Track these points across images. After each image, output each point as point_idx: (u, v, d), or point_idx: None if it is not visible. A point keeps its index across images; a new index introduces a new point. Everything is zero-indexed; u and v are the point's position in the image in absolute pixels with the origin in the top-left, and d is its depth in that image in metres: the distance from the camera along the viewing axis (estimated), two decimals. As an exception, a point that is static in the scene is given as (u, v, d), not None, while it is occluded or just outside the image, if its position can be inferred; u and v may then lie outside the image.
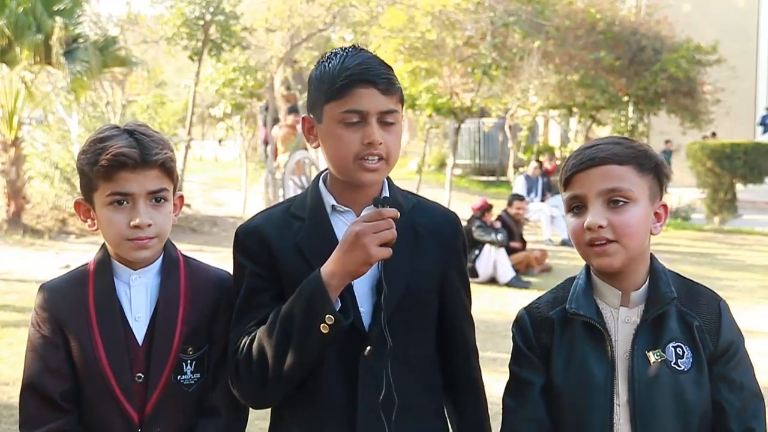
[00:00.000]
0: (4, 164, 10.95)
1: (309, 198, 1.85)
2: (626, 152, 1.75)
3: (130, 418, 1.81)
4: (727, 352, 1.75)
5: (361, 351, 1.74)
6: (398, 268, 1.77)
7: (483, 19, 13.80)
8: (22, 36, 10.50)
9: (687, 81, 15.63)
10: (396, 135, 1.77)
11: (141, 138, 1.81)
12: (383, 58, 1.82)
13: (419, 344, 1.83)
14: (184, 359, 1.85)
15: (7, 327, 6.34)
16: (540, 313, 1.85)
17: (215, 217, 12.88)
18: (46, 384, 1.81)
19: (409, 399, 1.78)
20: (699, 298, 1.79)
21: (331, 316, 1.65)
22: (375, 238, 1.63)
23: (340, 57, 1.76)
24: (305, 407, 1.80)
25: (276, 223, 1.84)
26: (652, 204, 1.76)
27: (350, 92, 1.72)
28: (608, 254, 1.71)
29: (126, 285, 1.86)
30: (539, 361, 1.81)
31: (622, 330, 1.76)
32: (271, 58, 13.17)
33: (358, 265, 1.65)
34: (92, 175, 1.80)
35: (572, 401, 1.76)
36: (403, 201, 1.85)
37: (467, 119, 16.52)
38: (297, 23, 12.88)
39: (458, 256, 1.91)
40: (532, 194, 13.21)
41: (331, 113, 1.75)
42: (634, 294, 1.77)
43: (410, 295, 1.78)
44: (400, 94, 1.78)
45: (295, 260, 1.77)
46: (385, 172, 1.78)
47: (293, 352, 1.68)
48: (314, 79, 1.80)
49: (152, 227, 1.81)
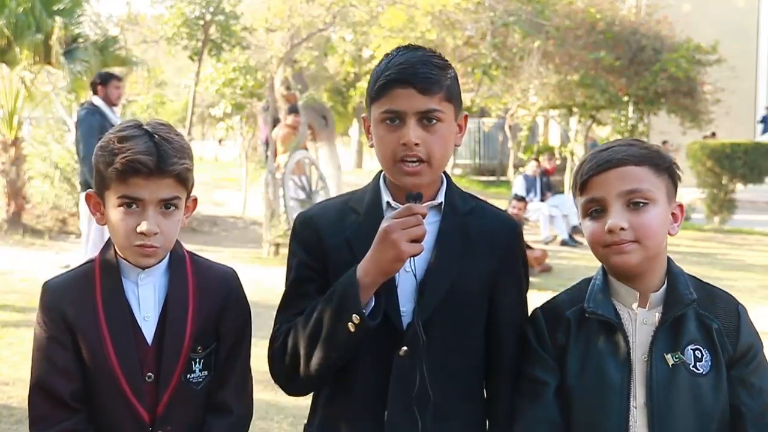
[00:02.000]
0: (4, 164, 10.94)
1: (368, 193, 1.84)
2: (642, 153, 1.74)
3: (141, 418, 1.80)
4: (746, 355, 1.74)
5: (396, 350, 1.73)
6: (443, 269, 1.75)
7: (483, 19, 13.79)
8: (22, 36, 10.49)
9: (687, 81, 15.61)
10: (440, 136, 1.73)
11: (161, 143, 1.76)
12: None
13: (461, 349, 1.80)
14: (193, 358, 1.84)
15: (7, 327, 6.33)
16: (555, 313, 1.83)
17: (215, 217, 12.88)
18: (55, 384, 1.79)
19: (443, 402, 1.76)
20: (717, 301, 1.78)
21: (357, 316, 1.64)
22: (404, 234, 1.62)
23: (390, 57, 1.76)
24: (338, 403, 1.81)
25: (331, 215, 1.84)
26: (669, 204, 1.76)
27: (388, 93, 1.71)
28: (627, 252, 1.70)
29: (134, 284, 1.84)
30: (553, 361, 1.79)
31: (640, 331, 1.74)
32: (271, 58, 13.15)
33: (389, 262, 1.64)
34: (106, 174, 1.78)
35: (587, 403, 1.74)
36: (460, 203, 1.84)
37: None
38: (297, 23, 12.85)
39: (514, 263, 1.86)
40: (532, 194, 13.20)
41: (375, 113, 1.75)
42: (653, 296, 1.76)
43: (454, 298, 1.76)
44: (446, 93, 1.74)
45: (343, 253, 1.77)
46: (429, 174, 1.74)
47: (321, 347, 1.69)
48: (369, 79, 1.80)
49: (158, 236, 1.78)
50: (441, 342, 1.75)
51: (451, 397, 1.78)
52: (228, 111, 13.89)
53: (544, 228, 12.69)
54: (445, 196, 1.83)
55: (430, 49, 1.80)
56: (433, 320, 1.74)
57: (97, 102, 7.14)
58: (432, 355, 1.73)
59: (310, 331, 1.71)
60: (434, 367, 1.74)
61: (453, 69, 1.80)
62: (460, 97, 1.81)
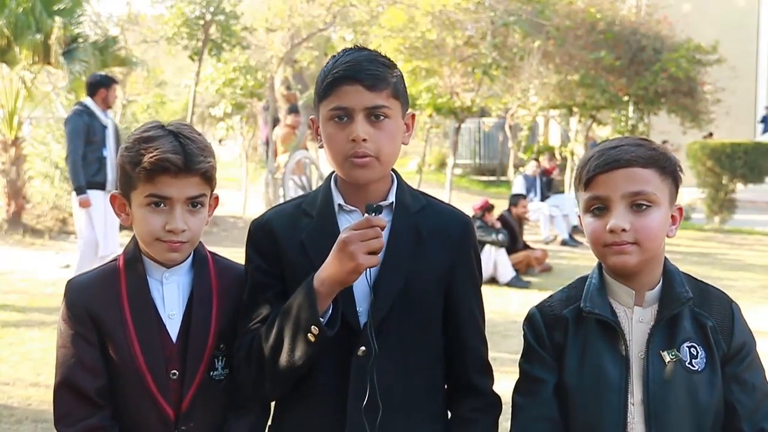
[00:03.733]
0: (4, 164, 10.95)
1: (320, 195, 1.86)
2: (649, 155, 1.74)
3: (166, 414, 1.82)
4: (739, 353, 1.76)
5: (354, 351, 1.75)
6: (396, 269, 1.77)
7: (483, 19, 13.79)
8: (22, 36, 10.50)
9: (687, 81, 15.61)
10: (387, 131, 1.75)
11: (186, 143, 1.79)
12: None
13: (418, 345, 1.81)
14: (216, 355, 1.87)
15: (7, 327, 6.33)
16: (553, 312, 1.84)
17: (215, 217, 12.84)
18: (81, 380, 1.81)
19: (401, 400, 1.78)
20: (711, 299, 1.80)
21: (316, 327, 1.66)
22: (362, 246, 1.63)
23: (336, 57, 1.78)
24: (300, 405, 1.82)
25: (286, 218, 1.85)
26: (670, 207, 1.77)
27: (335, 90, 1.73)
28: (626, 253, 1.71)
29: (158, 282, 1.87)
30: (551, 359, 1.81)
31: (636, 329, 1.76)
32: (271, 57, 13.16)
33: (346, 273, 1.65)
34: (133, 174, 1.79)
35: (585, 400, 1.76)
36: (411, 202, 1.85)
37: (467, 119, 16.52)
38: (297, 23, 12.87)
39: (467, 259, 1.87)
40: (531, 194, 13.20)
41: (323, 112, 1.77)
42: (648, 294, 1.77)
43: (408, 296, 1.77)
44: (393, 89, 1.76)
45: (298, 256, 1.78)
46: (379, 169, 1.76)
47: (285, 356, 1.71)
48: (316, 80, 1.82)
49: (186, 232, 1.81)
50: (398, 340, 1.77)
51: (412, 393, 1.80)
52: (228, 111, 13.90)
53: (544, 228, 12.69)
54: (396, 195, 1.84)
55: (374, 50, 1.82)
56: (389, 319, 1.76)
57: (89, 103, 7.12)
58: (390, 353, 1.75)
59: (272, 343, 1.73)
60: (393, 365, 1.76)
61: (399, 69, 1.83)
62: (406, 95, 1.83)
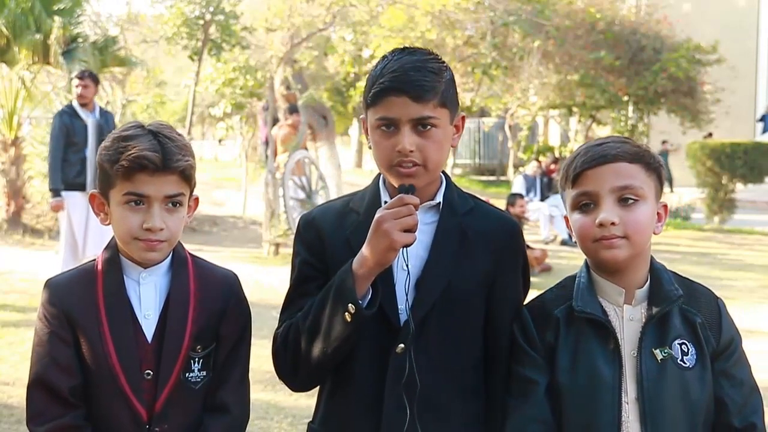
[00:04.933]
0: (4, 164, 10.95)
1: (368, 193, 1.88)
2: (635, 151, 1.77)
3: (139, 415, 1.82)
4: (728, 348, 1.78)
5: (393, 348, 1.76)
6: (440, 268, 1.78)
7: (483, 19, 13.80)
8: (21, 36, 10.50)
9: (687, 81, 15.63)
10: (435, 141, 1.75)
11: (165, 142, 1.80)
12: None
13: (458, 346, 1.82)
14: (193, 357, 1.86)
15: (7, 327, 6.33)
16: (543, 312, 1.84)
17: (215, 217, 12.88)
18: (54, 379, 1.81)
19: (437, 400, 1.78)
20: (698, 296, 1.81)
21: (353, 306, 1.67)
22: (396, 224, 1.65)
23: (385, 61, 1.78)
24: (338, 399, 1.84)
25: (333, 216, 1.88)
26: (656, 203, 1.79)
27: (382, 100, 1.74)
28: (616, 247, 1.72)
29: (135, 282, 1.87)
30: (542, 360, 1.81)
31: (627, 328, 1.76)
32: (271, 57, 13.16)
33: (382, 251, 1.67)
34: (111, 173, 1.80)
35: (579, 401, 1.76)
36: (458, 203, 1.86)
37: (467, 119, 16.49)
38: (297, 23, 12.86)
39: (513, 262, 1.88)
40: (531, 194, 13.21)
41: (371, 119, 1.79)
42: (638, 292, 1.78)
43: (450, 296, 1.78)
44: (440, 99, 1.75)
45: (343, 252, 1.79)
46: (425, 176, 1.77)
47: (320, 340, 1.73)
48: (365, 82, 1.83)
49: (164, 231, 1.81)
50: (438, 340, 1.78)
51: (450, 394, 1.80)
52: (228, 111, 13.91)
53: (544, 228, 12.69)
54: (443, 196, 1.85)
55: (427, 51, 1.81)
56: (429, 318, 1.77)
57: (74, 102, 7.10)
58: (429, 353, 1.76)
59: (309, 324, 1.75)
60: (432, 365, 1.76)
61: (449, 71, 1.81)
62: (456, 99, 1.82)
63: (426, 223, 1.80)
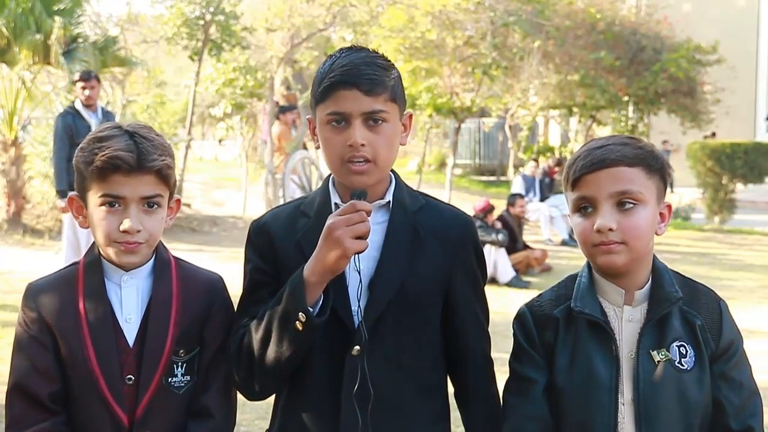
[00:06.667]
0: (4, 164, 10.94)
1: (318, 196, 1.86)
2: (635, 153, 1.75)
3: (120, 420, 1.79)
4: (727, 351, 1.77)
5: (348, 350, 1.74)
6: (392, 268, 1.77)
7: (483, 19, 13.79)
8: (22, 36, 10.50)
9: (687, 81, 15.63)
10: (385, 135, 1.74)
11: (140, 141, 1.77)
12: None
13: (415, 346, 1.81)
14: (175, 361, 1.83)
15: (7, 327, 6.32)
16: (543, 311, 1.84)
17: (215, 217, 12.87)
18: (33, 385, 1.78)
19: (395, 400, 1.77)
20: (700, 297, 1.80)
21: (304, 315, 1.65)
22: (348, 231, 1.62)
23: (333, 58, 1.77)
24: (295, 403, 1.82)
25: (283, 220, 1.86)
26: (658, 205, 1.77)
27: (333, 94, 1.72)
28: (614, 252, 1.72)
29: (117, 286, 1.84)
30: (541, 359, 1.81)
31: (626, 329, 1.76)
32: (271, 58, 13.17)
33: (334, 259, 1.64)
34: (87, 174, 1.78)
35: (576, 400, 1.76)
36: (409, 201, 1.85)
37: (467, 119, 16.53)
38: (297, 23, 12.88)
39: (467, 259, 1.87)
40: (531, 194, 13.20)
41: (320, 115, 1.77)
42: (638, 293, 1.78)
43: (405, 296, 1.77)
44: (391, 93, 1.75)
45: (294, 256, 1.77)
46: (376, 173, 1.76)
47: (273, 347, 1.71)
48: (313, 80, 1.82)
49: (142, 233, 1.78)
50: (394, 340, 1.77)
51: (408, 394, 1.80)
52: (228, 111, 13.91)
53: (544, 228, 12.69)
54: (393, 194, 1.83)
55: (373, 50, 1.81)
56: (385, 318, 1.76)
57: (76, 103, 7.11)
58: (386, 354, 1.75)
59: (262, 333, 1.73)
60: (389, 365, 1.76)
61: (396, 69, 1.82)
62: (404, 96, 1.82)
63: (377, 223, 1.78)
